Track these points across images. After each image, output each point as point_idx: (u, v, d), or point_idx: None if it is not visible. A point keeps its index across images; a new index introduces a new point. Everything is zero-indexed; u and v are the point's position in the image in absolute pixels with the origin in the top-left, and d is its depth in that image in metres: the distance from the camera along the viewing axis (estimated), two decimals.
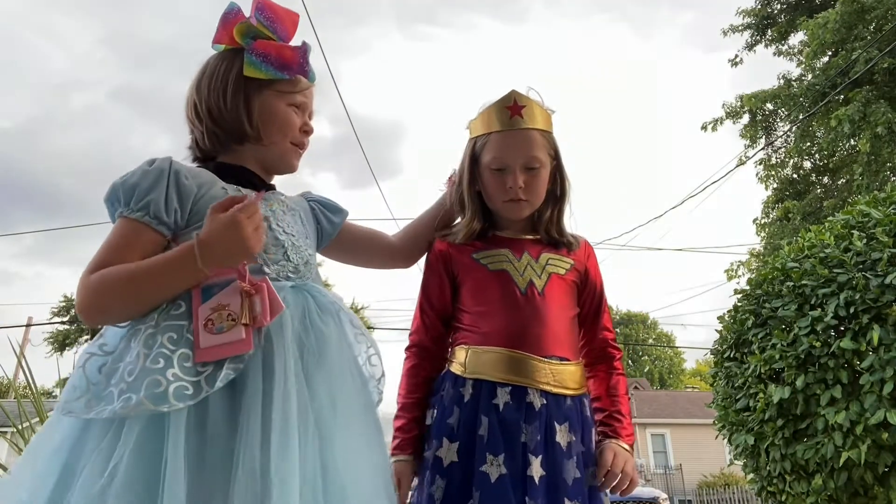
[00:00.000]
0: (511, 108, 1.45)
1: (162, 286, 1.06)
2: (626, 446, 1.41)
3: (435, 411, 1.40)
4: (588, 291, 1.52)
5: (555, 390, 1.35)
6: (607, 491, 1.38)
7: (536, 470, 1.27)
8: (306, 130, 1.35)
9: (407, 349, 1.52)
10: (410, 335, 1.52)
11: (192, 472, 0.93)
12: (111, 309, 1.07)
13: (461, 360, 1.40)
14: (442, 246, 1.52)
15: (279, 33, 1.28)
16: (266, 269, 1.18)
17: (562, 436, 1.33)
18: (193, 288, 1.08)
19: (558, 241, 1.50)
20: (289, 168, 1.36)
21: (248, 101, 1.26)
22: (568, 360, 1.41)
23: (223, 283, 1.09)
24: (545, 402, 1.34)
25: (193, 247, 1.05)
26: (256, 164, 1.32)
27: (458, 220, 1.56)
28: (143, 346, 1.01)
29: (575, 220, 1.56)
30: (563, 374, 1.38)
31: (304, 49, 1.29)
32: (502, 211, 1.49)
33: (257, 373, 1.03)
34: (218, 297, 1.07)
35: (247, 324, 1.04)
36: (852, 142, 11.86)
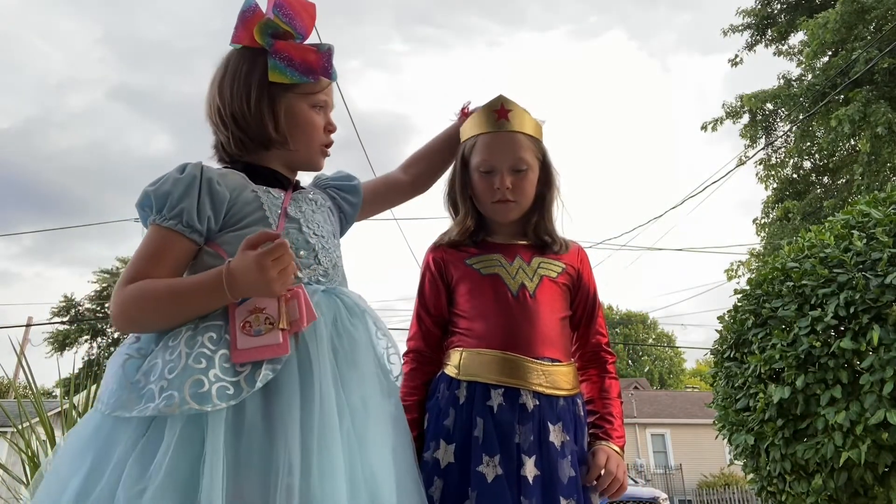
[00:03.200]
0: (498, 111, 1.48)
1: (194, 306, 1.09)
2: (618, 448, 1.43)
3: (431, 414, 1.41)
4: (581, 295, 1.54)
5: (547, 391, 1.37)
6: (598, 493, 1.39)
7: (530, 470, 1.29)
8: (330, 129, 1.36)
9: (405, 354, 1.53)
10: (408, 341, 1.54)
11: (229, 474, 0.94)
12: (145, 322, 1.10)
13: (455, 362, 1.42)
14: (437, 254, 1.55)
15: (298, 29, 1.28)
16: (298, 274, 1.18)
17: (555, 436, 1.34)
18: None
19: (546, 242, 1.52)
20: (315, 168, 1.38)
21: (273, 106, 1.26)
22: (560, 361, 1.42)
23: None
24: (538, 403, 1.35)
25: (223, 274, 1.06)
26: (282, 164, 1.32)
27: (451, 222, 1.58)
28: (184, 345, 1.03)
29: (570, 218, 1.58)
30: (555, 376, 1.39)
31: (328, 52, 1.29)
32: (491, 212, 1.51)
33: (293, 376, 1.05)
34: (254, 299, 1.09)
35: (284, 328, 1.06)
36: (852, 142, 11.87)
